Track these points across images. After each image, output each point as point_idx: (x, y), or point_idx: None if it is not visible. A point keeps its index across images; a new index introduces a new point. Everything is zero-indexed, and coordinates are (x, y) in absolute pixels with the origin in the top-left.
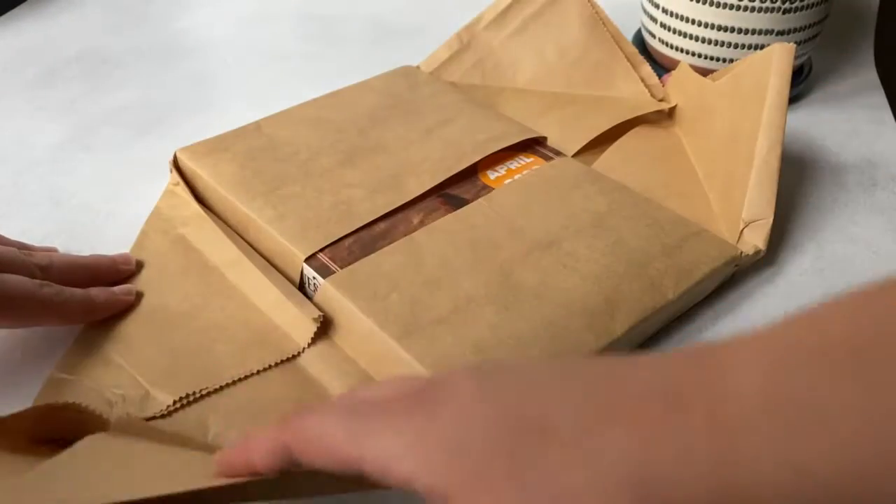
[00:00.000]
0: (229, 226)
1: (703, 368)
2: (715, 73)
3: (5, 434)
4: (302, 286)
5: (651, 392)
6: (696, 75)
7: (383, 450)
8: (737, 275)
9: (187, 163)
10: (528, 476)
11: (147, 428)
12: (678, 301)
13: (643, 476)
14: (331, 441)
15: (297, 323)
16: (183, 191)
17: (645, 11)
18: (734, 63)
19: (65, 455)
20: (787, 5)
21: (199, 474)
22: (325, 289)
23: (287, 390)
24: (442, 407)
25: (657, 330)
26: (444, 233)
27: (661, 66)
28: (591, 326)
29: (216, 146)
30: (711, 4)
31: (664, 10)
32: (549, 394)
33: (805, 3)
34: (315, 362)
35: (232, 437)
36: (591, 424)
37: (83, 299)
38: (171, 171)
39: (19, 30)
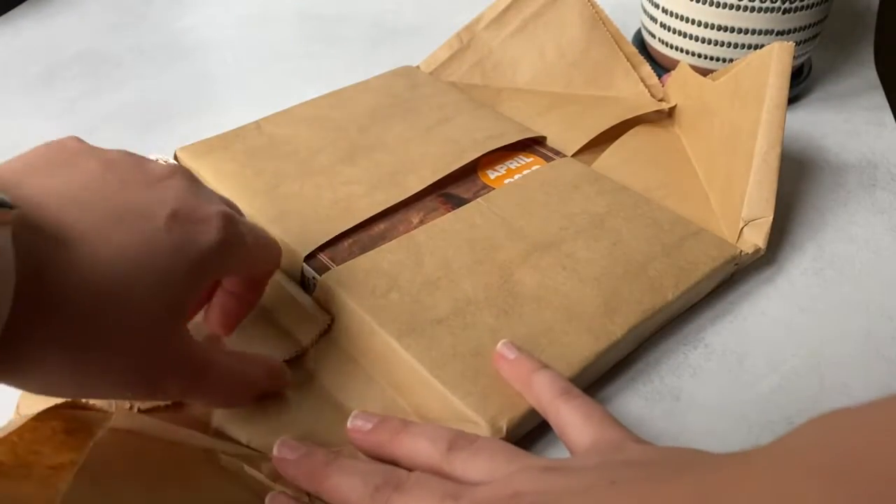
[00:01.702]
0: None
1: None
2: (715, 73)
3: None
4: (303, 286)
5: None
6: (696, 75)
7: None
8: (737, 275)
9: (187, 162)
10: None
11: (149, 422)
12: (678, 301)
13: None
14: None
15: (301, 323)
16: None
17: (645, 11)
18: (734, 62)
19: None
20: (787, 5)
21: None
22: (322, 285)
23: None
24: None
25: (657, 329)
26: (443, 232)
27: (661, 66)
28: (591, 329)
29: (216, 145)
30: (711, 4)
31: (664, 10)
32: None
33: (805, 3)
34: (316, 358)
35: (234, 431)
36: None
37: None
38: None
39: (19, 30)
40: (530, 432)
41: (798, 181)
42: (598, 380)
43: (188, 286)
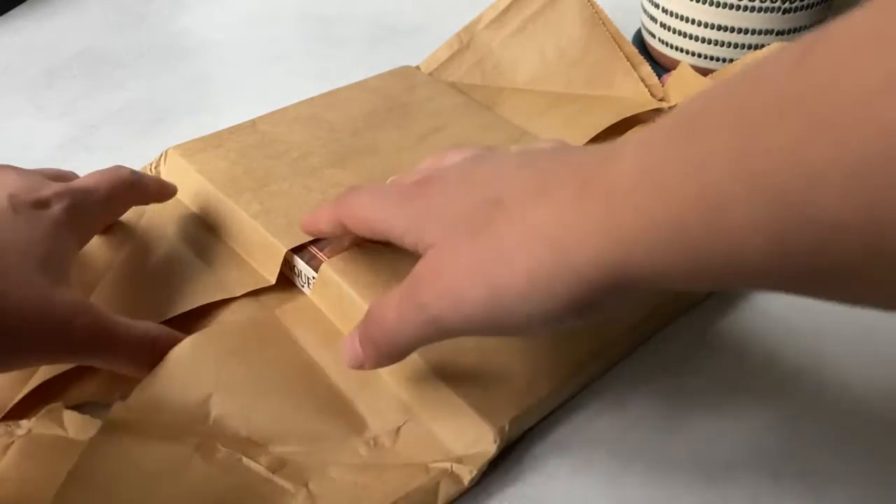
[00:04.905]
0: (211, 221)
1: (607, 159)
2: (715, 73)
3: None
4: (301, 286)
5: (571, 180)
6: (696, 75)
7: (399, 224)
8: None
9: (179, 160)
10: (481, 236)
11: (145, 416)
12: (678, 301)
13: (555, 235)
14: (369, 218)
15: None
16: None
17: (645, 11)
18: (733, 63)
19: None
20: (787, 5)
21: None
22: (323, 273)
23: (288, 373)
24: (436, 193)
25: (656, 331)
26: None
27: (661, 66)
28: (590, 329)
29: (209, 143)
30: (711, 4)
31: (664, 10)
32: (506, 180)
33: (805, 3)
34: (318, 349)
35: (234, 422)
36: (527, 202)
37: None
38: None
39: (19, 30)
40: (531, 434)
41: None
42: (598, 380)
43: (53, 250)
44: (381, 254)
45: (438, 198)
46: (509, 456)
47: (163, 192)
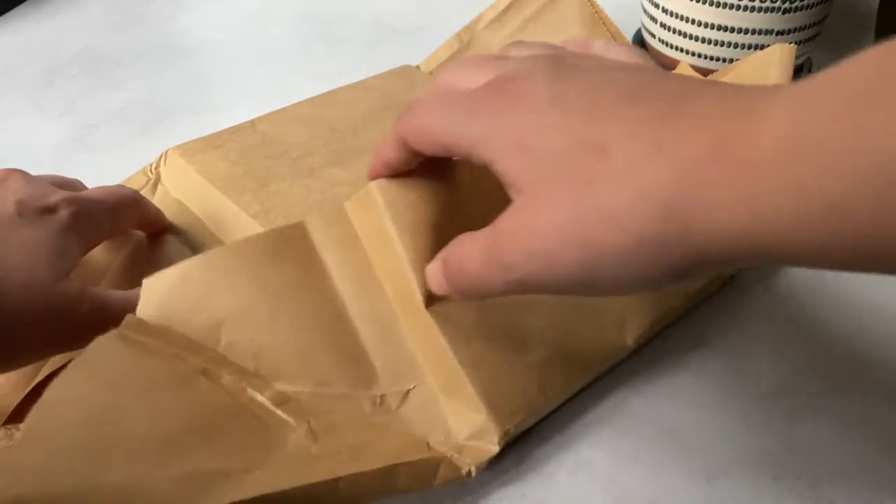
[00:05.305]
0: (211, 222)
1: (746, 117)
2: (715, 74)
3: None
4: None
5: (698, 137)
6: (696, 75)
7: (471, 137)
8: (737, 275)
9: (179, 160)
10: (581, 190)
11: (156, 331)
12: (686, 303)
13: (671, 201)
14: (435, 132)
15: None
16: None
17: (645, 11)
18: (734, 63)
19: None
20: (787, 5)
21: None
22: (370, 192)
23: (306, 304)
24: (519, 104)
25: (658, 331)
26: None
27: (661, 66)
28: (605, 335)
29: (209, 143)
30: (711, 4)
31: (664, 10)
32: (612, 121)
33: (805, 3)
34: (342, 278)
35: (243, 350)
36: (640, 155)
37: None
38: (152, 170)
39: (19, 30)
40: (531, 434)
41: None
42: (598, 380)
43: (58, 250)
44: (437, 194)
45: (525, 119)
46: (509, 456)
47: (159, 220)
